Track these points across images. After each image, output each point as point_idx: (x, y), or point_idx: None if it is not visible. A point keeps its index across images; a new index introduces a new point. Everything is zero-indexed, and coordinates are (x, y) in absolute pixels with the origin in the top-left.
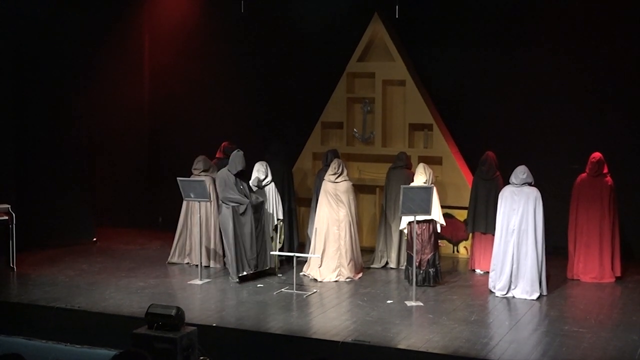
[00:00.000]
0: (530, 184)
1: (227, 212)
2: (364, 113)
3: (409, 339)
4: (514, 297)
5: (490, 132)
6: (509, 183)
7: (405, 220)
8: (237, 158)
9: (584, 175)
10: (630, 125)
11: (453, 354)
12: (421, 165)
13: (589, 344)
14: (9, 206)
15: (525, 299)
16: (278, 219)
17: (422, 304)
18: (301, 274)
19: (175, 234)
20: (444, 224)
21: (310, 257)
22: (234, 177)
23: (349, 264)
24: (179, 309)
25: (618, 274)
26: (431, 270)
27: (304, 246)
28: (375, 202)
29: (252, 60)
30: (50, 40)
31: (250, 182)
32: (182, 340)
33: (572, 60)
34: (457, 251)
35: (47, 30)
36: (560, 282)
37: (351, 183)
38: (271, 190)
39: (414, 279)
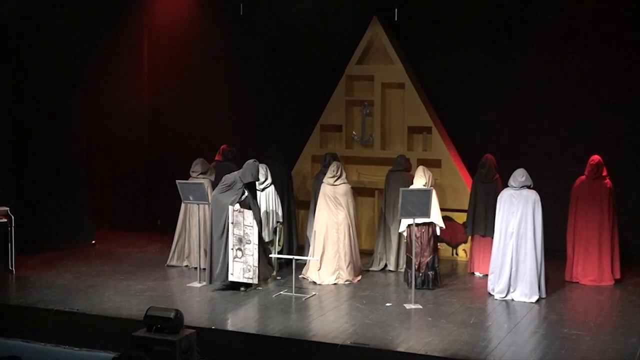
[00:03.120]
0: (529, 187)
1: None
2: (363, 116)
3: (408, 341)
4: (513, 299)
5: (489, 135)
6: (507, 186)
7: (405, 223)
8: (253, 168)
9: (583, 177)
10: (629, 127)
11: (452, 357)
12: (420, 168)
13: (588, 347)
14: (8, 209)
15: (524, 302)
16: (277, 222)
17: (421, 306)
18: (300, 276)
19: (173, 237)
20: (443, 226)
21: (310, 260)
22: (241, 184)
23: (348, 267)
24: (177, 311)
25: (617, 276)
26: (430, 273)
27: (303, 249)
28: (374, 205)
29: (251, 62)
30: (49, 44)
31: None
32: (181, 343)
33: (571, 63)
34: (456, 254)
35: (47, 34)
36: (559, 285)
37: (350, 186)
38: (271, 193)
39: (413, 282)
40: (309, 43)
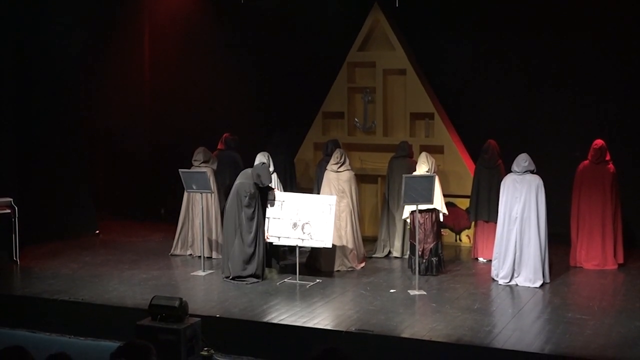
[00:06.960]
0: (532, 172)
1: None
2: (365, 103)
3: (412, 327)
4: (516, 285)
5: (492, 120)
6: (510, 171)
7: (408, 209)
8: (266, 171)
9: (586, 162)
10: (633, 111)
11: (456, 342)
12: (423, 154)
13: (592, 331)
14: (12, 199)
15: (528, 287)
16: None
17: (425, 292)
18: (304, 263)
19: (177, 226)
20: (447, 212)
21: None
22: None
23: (351, 254)
24: (182, 300)
25: (620, 261)
26: (434, 259)
27: None
28: (377, 192)
29: (253, 50)
30: (52, 36)
31: None
32: (186, 332)
33: (573, 47)
34: (460, 240)
35: (49, 25)
36: (563, 270)
37: (353, 173)
38: (273, 181)
39: (417, 268)
40: (310, 30)
